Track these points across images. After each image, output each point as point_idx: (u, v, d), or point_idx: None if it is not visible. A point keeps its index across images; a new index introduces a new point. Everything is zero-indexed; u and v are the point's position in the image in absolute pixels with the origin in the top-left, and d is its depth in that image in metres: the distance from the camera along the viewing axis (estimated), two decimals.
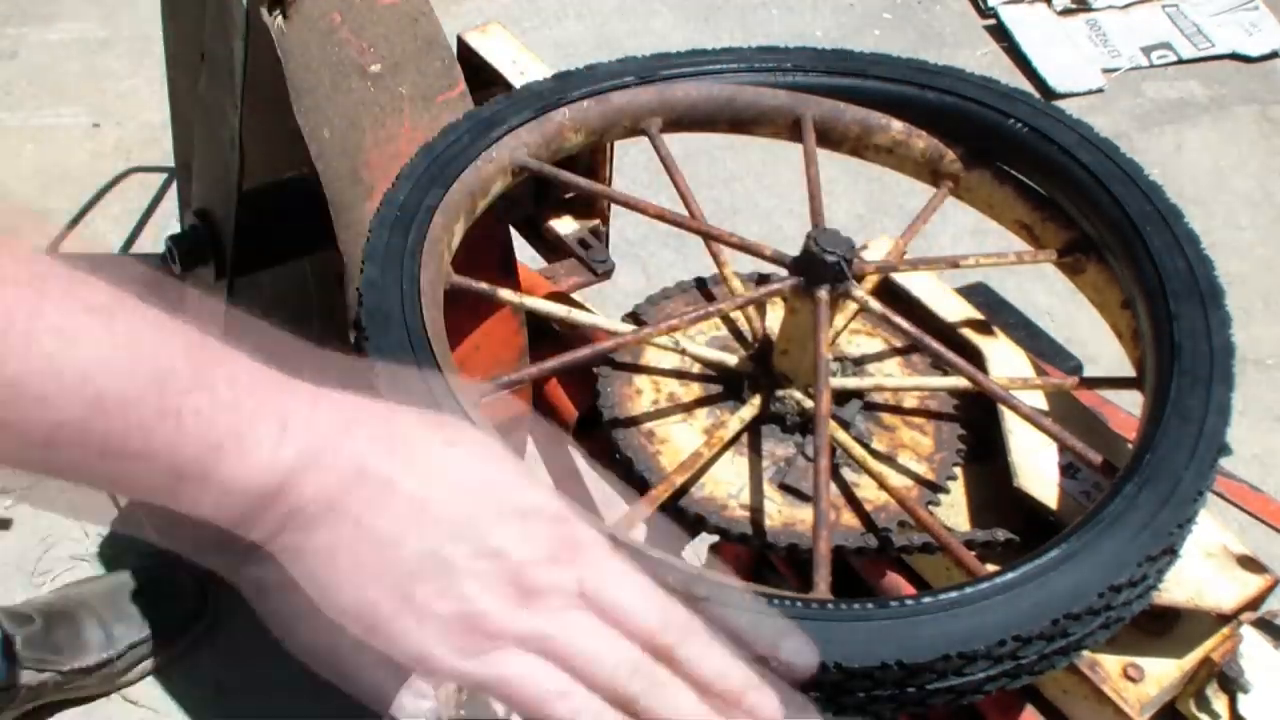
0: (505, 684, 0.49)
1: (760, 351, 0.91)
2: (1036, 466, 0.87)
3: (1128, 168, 0.91)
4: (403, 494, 0.48)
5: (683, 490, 0.82)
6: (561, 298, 1.09)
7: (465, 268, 0.89)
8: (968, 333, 0.97)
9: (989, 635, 0.65)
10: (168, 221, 2.07)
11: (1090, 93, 2.60)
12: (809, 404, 0.87)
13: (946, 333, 0.97)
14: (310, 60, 1.03)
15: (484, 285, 0.90)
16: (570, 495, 0.73)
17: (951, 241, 2.07)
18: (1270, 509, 0.96)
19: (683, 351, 0.93)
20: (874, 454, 0.88)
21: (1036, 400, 0.92)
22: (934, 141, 0.99)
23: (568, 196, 1.31)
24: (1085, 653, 0.72)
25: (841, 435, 0.85)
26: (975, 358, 0.95)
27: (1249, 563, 0.85)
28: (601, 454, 1.07)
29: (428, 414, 0.52)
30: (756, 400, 0.88)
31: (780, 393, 0.88)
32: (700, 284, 1.02)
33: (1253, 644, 0.86)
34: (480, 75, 1.24)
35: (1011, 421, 0.89)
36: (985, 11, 2.78)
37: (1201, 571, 0.84)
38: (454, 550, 0.48)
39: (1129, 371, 0.87)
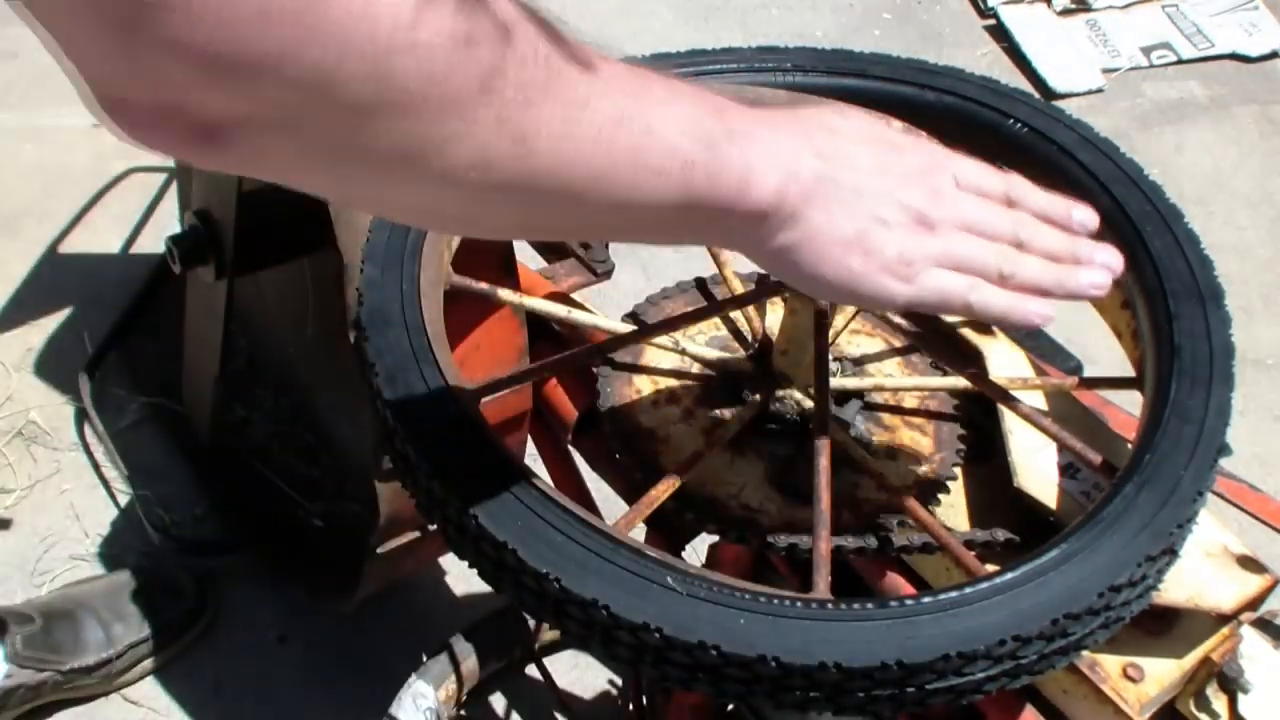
0: (936, 293, 0.66)
1: (760, 351, 0.91)
2: (1036, 466, 0.87)
3: (1128, 168, 0.91)
4: (845, 185, 0.63)
5: (683, 490, 0.82)
6: (561, 298, 1.09)
7: (465, 268, 0.89)
8: (968, 333, 0.97)
9: (989, 635, 0.65)
10: (168, 221, 2.07)
11: (1090, 93, 2.60)
12: (809, 404, 0.87)
13: (946, 333, 0.97)
14: None
15: (484, 285, 0.90)
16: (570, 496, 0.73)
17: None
18: (1270, 509, 0.96)
19: (683, 351, 0.93)
20: (874, 454, 0.88)
21: (1036, 400, 0.92)
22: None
23: None
24: (1085, 653, 0.72)
25: (841, 435, 0.85)
26: (975, 358, 0.95)
27: (1249, 563, 0.86)
28: (601, 454, 1.07)
29: (824, 109, 0.69)
30: (756, 400, 0.88)
31: (780, 393, 0.88)
32: (700, 284, 1.02)
33: (1253, 644, 0.86)
34: None
35: (1011, 421, 0.89)
36: (985, 11, 2.78)
37: (1201, 571, 0.84)
38: (885, 213, 0.64)
39: (1129, 371, 0.87)
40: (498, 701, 1.62)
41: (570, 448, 1.12)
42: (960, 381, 0.90)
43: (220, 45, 0.41)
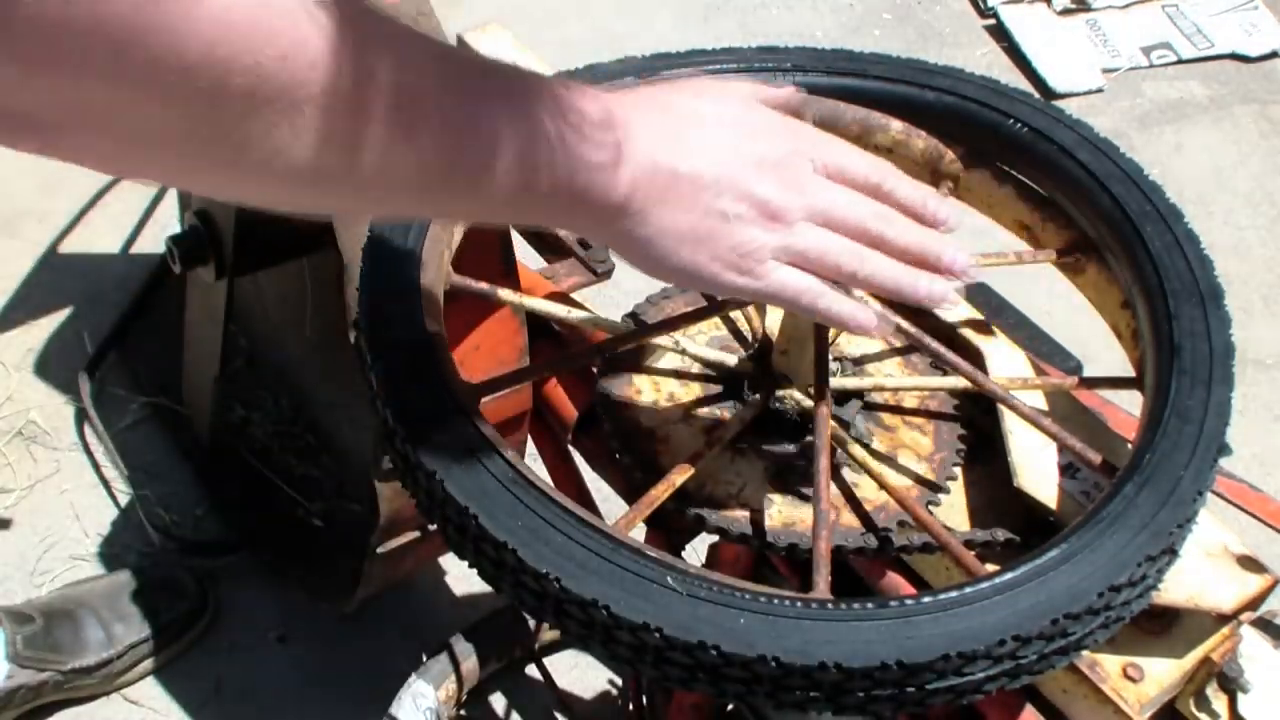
0: (778, 288, 0.67)
1: (760, 351, 0.91)
2: (1036, 466, 0.87)
3: (1127, 168, 0.91)
4: (691, 178, 0.64)
5: (683, 490, 0.82)
6: (561, 298, 1.09)
7: (465, 268, 0.89)
8: (968, 333, 0.97)
9: (989, 635, 0.65)
10: (168, 221, 2.08)
11: (1090, 93, 2.60)
12: (809, 404, 0.87)
13: (946, 333, 0.97)
14: None
15: (484, 285, 0.90)
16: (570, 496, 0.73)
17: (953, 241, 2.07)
18: (1270, 509, 0.96)
19: (683, 351, 0.93)
20: (874, 454, 0.88)
21: (1036, 400, 0.92)
22: (934, 141, 0.99)
23: None
24: (1085, 653, 0.72)
25: (841, 435, 0.85)
26: (975, 358, 0.95)
27: (1249, 563, 0.85)
28: (601, 454, 1.07)
29: (688, 91, 0.69)
30: (756, 400, 0.88)
31: (780, 393, 0.88)
32: None
33: (1253, 644, 0.86)
34: None
35: (1011, 421, 0.89)
36: (985, 11, 2.78)
37: (1201, 571, 0.84)
38: (726, 206, 0.65)
39: (1129, 371, 0.88)
40: (498, 701, 1.62)
41: (570, 448, 1.12)
42: (960, 381, 0.90)
43: (46, 54, 0.44)
